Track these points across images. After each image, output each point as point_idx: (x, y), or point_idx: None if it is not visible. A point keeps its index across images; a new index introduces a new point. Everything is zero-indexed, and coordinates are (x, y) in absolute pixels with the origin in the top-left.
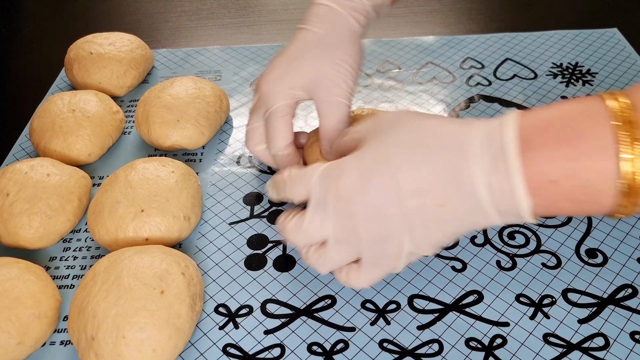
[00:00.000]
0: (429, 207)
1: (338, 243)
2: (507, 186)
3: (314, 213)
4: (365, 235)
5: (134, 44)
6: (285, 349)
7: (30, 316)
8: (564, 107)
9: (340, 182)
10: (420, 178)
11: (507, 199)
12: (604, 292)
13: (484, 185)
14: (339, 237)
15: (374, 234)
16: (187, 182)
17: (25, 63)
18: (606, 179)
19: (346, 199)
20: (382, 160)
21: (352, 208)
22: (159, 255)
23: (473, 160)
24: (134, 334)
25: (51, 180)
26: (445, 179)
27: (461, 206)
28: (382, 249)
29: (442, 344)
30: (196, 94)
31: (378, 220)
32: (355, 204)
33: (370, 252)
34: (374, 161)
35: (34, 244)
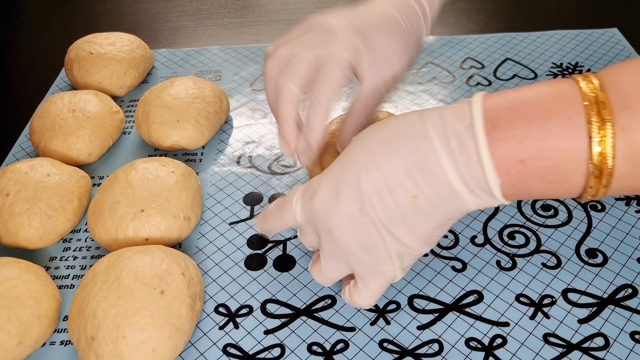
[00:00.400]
0: (403, 202)
1: (329, 258)
2: (476, 166)
3: (303, 235)
4: (348, 247)
5: (134, 44)
6: (285, 349)
7: (30, 316)
8: (534, 89)
9: (315, 201)
10: (387, 174)
11: (478, 179)
12: (604, 292)
13: (452, 167)
14: (327, 254)
15: (355, 242)
16: (187, 182)
17: (25, 63)
18: (576, 159)
19: (322, 215)
20: (347, 167)
21: (329, 223)
22: (159, 255)
23: (439, 144)
24: (134, 334)
25: (51, 180)
26: (413, 168)
27: (434, 193)
28: (370, 257)
29: (442, 344)
30: (196, 94)
31: (355, 228)
32: (330, 218)
33: (359, 262)
34: (340, 170)
35: (34, 244)
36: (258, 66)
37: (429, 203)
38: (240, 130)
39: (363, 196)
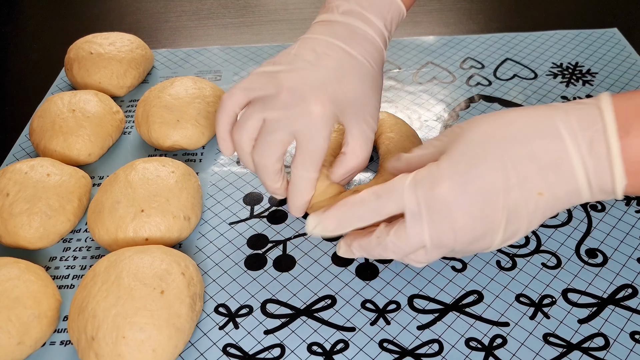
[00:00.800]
0: (528, 198)
1: (436, 248)
2: (605, 170)
3: (412, 225)
4: (463, 238)
5: (134, 44)
6: (285, 349)
7: (30, 316)
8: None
9: (437, 191)
10: (519, 171)
11: (603, 182)
12: (604, 292)
13: (582, 169)
14: (436, 244)
15: (473, 235)
16: (187, 182)
17: (25, 63)
18: None
19: (445, 206)
20: (476, 161)
21: (451, 215)
22: (159, 255)
23: (571, 145)
24: (134, 334)
25: (51, 180)
26: (544, 167)
27: (559, 191)
28: (476, 246)
29: (442, 344)
30: (196, 94)
31: (478, 222)
32: (455, 210)
33: (464, 249)
34: (468, 163)
35: (34, 244)
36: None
37: (553, 200)
38: None
39: (491, 190)
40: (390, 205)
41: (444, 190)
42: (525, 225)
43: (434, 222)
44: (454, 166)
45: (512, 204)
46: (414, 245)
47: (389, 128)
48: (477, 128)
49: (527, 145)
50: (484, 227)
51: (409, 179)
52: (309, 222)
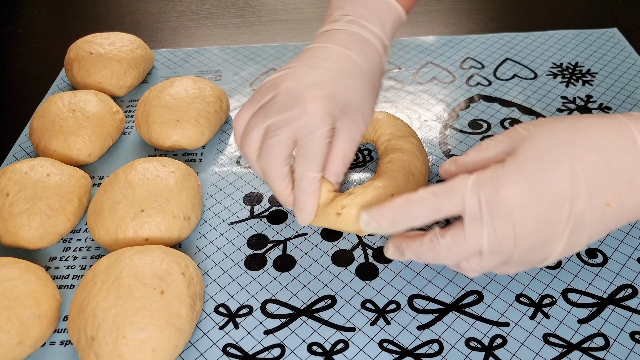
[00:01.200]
0: (595, 209)
1: (493, 254)
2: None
3: (471, 227)
4: (523, 244)
5: (134, 44)
6: (285, 349)
7: (31, 316)
8: None
9: (501, 194)
10: (590, 179)
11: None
12: (604, 292)
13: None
14: (494, 249)
15: (533, 242)
16: (187, 182)
17: (25, 63)
18: None
19: (508, 210)
20: (545, 165)
21: (515, 219)
22: (159, 255)
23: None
24: (134, 334)
25: (51, 180)
26: (617, 178)
27: (627, 204)
28: (535, 254)
29: (442, 344)
30: (196, 94)
31: (541, 228)
32: (519, 215)
33: (522, 257)
34: (536, 167)
35: (34, 244)
36: (258, 66)
37: (620, 211)
38: None
39: (558, 197)
40: (449, 206)
41: (509, 193)
42: (587, 235)
43: (494, 226)
44: (521, 169)
45: (579, 212)
46: (470, 249)
47: (388, 128)
48: (547, 131)
49: (602, 154)
50: (546, 235)
51: (471, 179)
52: (362, 218)
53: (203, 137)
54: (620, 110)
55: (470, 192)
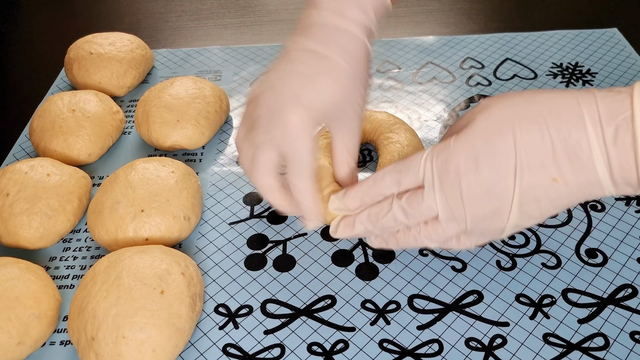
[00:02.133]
0: (541, 183)
1: (448, 221)
2: (630, 161)
3: (428, 193)
4: (474, 213)
5: (134, 44)
6: (285, 349)
7: (31, 316)
8: None
9: (450, 165)
10: (531, 153)
11: (627, 174)
12: (603, 292)
13: (602, 159)
14: (448, 216)
15: (483, 211)
16: (187, 182)
17: (25, 63)
18: None
19: (456, 180)
20: (492, 138)
21: (462, 186)
22: (159, 255)
23: (593, 133)
24: (134, 334)
25: (51, 180)
26: (561, 153)
27: (575, 180)
28: (489, 224)
29: (442, 344)
30: (196, 94)
31: (489, 198)
32: (466, 184)
33: (476, 227)
34: (484, 139)
35: (34, 244)
36: (258, 66)
37: (567, 187)
38: None
39: (502, 170)
40: (410, 178)
41: (457, 162)
42: (539, 208)
43: (445, 192)
44: (470, 141)
45: (525, 186)
46: (425, 212)
47: (388, 128)
48: (502, 104)
49: (544, 129)
50: (494, 205)
51: (426, 152)
52: (331, 202)
53: (203, 137)
54: None
55: (426, 163)
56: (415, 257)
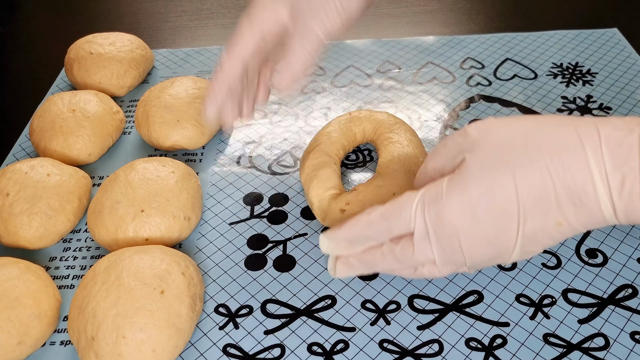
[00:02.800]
0: (545, 227)
1: (446, 264)
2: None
3: (420, 243)
4: (474, 259)
5: (134, 44)
6: (285, 349)
7: (31, 316)
8: None
9: (445, 217)
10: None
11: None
12: (604, 292)
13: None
14: (446, 261)
15: (484, 257)
16: (187, 182)
17: (25, 63)
18: None
19: (454, 234)
20: (489, 187)
21: (461, 238)
22: (159, 255)
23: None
24: (134, 334)
25: (51, 180)
26: (565, 198)
27: (579, 221)
28: (489, 264)
29: (442, 344)
30: (196, 94)
31: (490, 247)
32: (464, 237)
33: (476, 267)
34: (480, 189)
35: (34, 244)
36: None
37: (571, 228)
38: (241, 130)
39: (503, 223)
40: (400, 227)
41: (452, 216)
42: (541, 246)
43: (442, 244)
44: (463, 192)
45: (528, 232)
46: (419, 260)
47: (388, 128)
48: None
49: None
50: (496, 252)
51: (416, 200)
52: (322, 243)
53: (203, 137)
54: (620, 111)
55: (417, 214)
56: None
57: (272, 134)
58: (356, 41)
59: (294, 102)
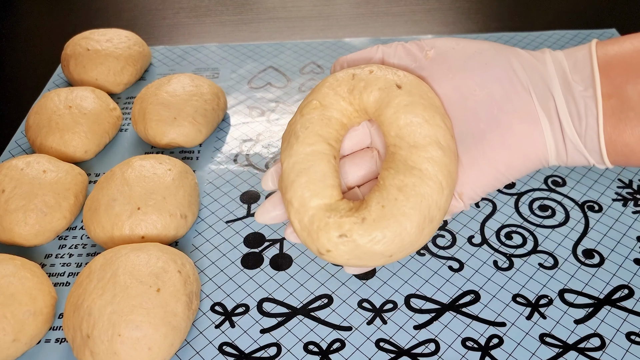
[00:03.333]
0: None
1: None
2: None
3: None
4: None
5: (131, 41)
6: (281, 348)
7: (26, 313)
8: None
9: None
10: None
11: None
12: (600, 292)
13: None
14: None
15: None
16: (184, 180)
17: (21, 59)
18: None
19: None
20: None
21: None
22: (155, 253)
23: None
24: (130, 332)
25: (47, 177)
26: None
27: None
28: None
29: (438, 343)
30: (193, 92)
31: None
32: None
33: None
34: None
35: (30, 241)
36: (256, 64)
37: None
38: (238, 128)
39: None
40: None
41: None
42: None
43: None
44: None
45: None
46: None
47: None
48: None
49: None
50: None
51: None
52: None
53: (200, 135)
54: None
55: None
56: (412, 257)
57: (269, 132)
58: (354, 39)
59: (291, 100)
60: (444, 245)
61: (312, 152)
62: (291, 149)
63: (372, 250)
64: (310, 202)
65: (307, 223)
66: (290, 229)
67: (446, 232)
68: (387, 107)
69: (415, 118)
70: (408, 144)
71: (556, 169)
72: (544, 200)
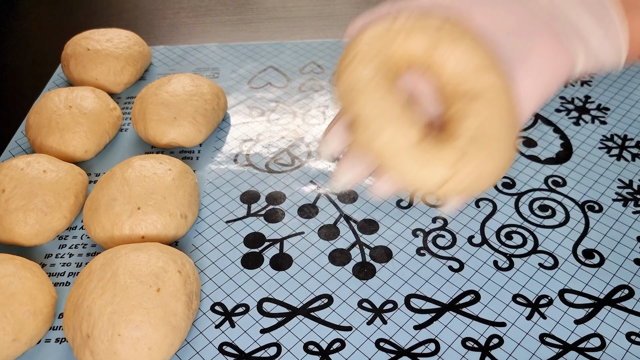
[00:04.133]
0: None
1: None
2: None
3: None
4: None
5: (131, 41)
6: (281, 348)
7: (26, 313)
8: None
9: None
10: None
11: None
12: (600, 292)
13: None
14: None
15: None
16: (184, 179)
17: (22, 59)
18: None
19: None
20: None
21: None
22: (155, 253)
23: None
24: (130, 332)
25: (47, 177)
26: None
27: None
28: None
29: (438, 343)
30: (193, 92)
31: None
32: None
33: None
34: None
35: (30, 240)
36: (256, 64)
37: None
38: (238, 128)
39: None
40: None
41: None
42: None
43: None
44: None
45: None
46: None
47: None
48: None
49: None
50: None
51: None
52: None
53: (200, 135)
54: (618, 111)
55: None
56: (413, 257)
57: (269, 132)
58: None
59: (291, 100)
60: (444, 245)
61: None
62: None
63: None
64: (412, 137)
65: (419, 155)
66: (381, 181)
67: (446, 232)
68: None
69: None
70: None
71: (556, 169)
72: (544, 200)
